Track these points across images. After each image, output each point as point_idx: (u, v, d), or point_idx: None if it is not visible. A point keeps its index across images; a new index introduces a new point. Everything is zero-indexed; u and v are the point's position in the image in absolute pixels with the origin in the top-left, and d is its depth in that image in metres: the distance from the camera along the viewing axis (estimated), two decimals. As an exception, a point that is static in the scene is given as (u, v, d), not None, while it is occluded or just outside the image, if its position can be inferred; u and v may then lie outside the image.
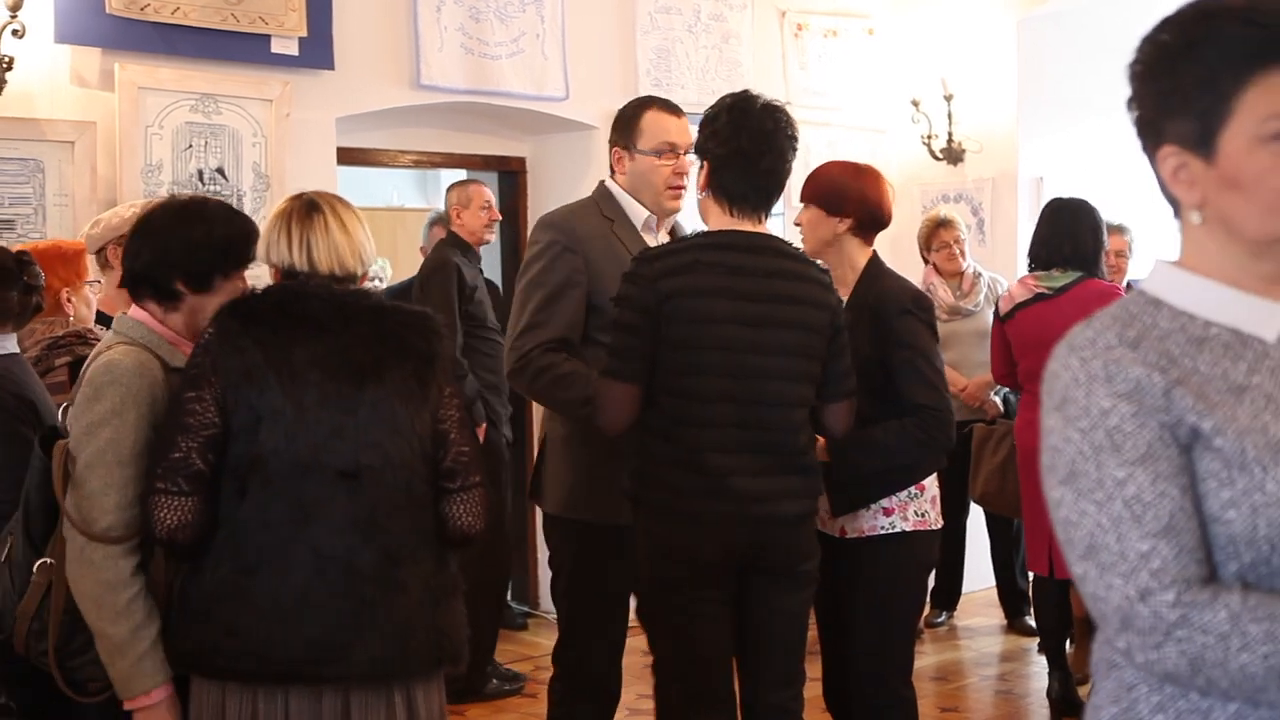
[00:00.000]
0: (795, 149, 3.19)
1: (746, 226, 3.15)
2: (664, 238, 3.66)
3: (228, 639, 2.47)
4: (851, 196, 3.49)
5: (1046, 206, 4.98)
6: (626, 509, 3.43)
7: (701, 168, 3.19)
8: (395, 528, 2.55)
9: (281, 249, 2.65)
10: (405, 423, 2.57)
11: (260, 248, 2.71)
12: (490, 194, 5.72)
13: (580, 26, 6.08)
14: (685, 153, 3.56)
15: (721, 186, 3.15)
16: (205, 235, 2.69)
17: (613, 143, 3.65)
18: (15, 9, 4.44)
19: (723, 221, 3.16)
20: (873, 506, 3.44)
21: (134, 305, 2.74)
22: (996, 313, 5.03)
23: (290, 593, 2.47)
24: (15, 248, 3.61)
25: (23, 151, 4.60)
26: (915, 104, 7.01)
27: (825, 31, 7.02)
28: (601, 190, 3.64)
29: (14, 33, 4.46)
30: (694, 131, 3.32)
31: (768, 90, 3.31)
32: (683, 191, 3.60)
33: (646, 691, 3.53)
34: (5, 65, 4.48)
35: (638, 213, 3.58)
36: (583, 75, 6.06)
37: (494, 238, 5.84)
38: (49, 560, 2.57)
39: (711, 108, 3.20)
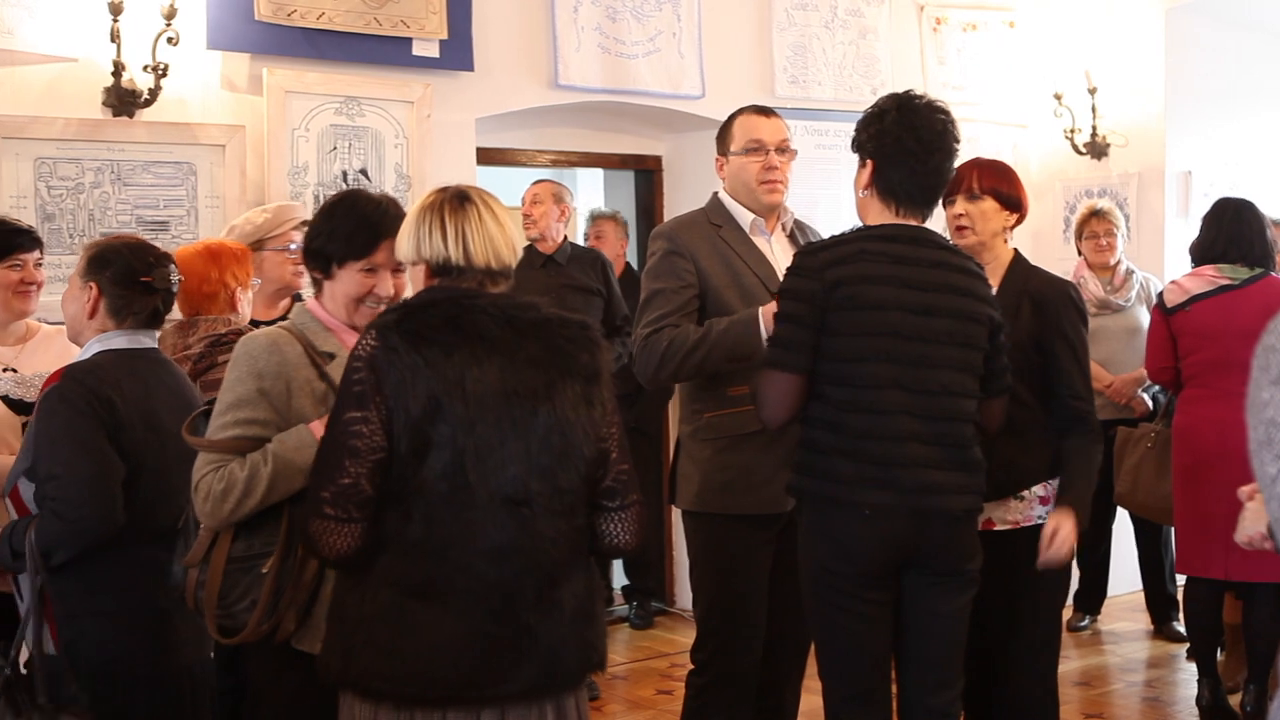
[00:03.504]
0: (959, 150, 3.20)
1: (909, 223, 3.15)
2: (779, 239, 3.73)
3: (387, 662, 2.42)
4: (1021, 194, 3.61)
5: (1213, 206, 4.93)
6: (757, 500, 3.46)
7: (863, 166, 3.19)
8: (557, 553, 2.49)
9: (435, 242, 2.54)
10: (575, 447, 2.49)
11: (407, 243, 2.59)
12: (525, 192, 5.92)
13: (716, 24, 6.08)
14: (775, 150, 3.69)
15: (887, 186, 3.14)
16: (324, 222, 2.78)
17: (716, 154, 3.81)
18: (170, 18, 4.58)
19: (885, 219, 3.16)
20: (1026, 496, 3.43)
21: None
22: (1161, 306, 4.92)
23: (453, 621, 2.41)
24: (200, 245, 3.75)
25: (176, 155, 4.75)
26: (1058, 97, 6.87)
27: (964, 25, 6.92)
28: (712, 200, 3.80)
29: (168, 40, 4.61)
30: (845, 132, 3.31)
31: (906, 86, 3.31)
32: (777, 185, 3.70)
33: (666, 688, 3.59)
34: (160, 72, 4.63)
35: (743, 216, 3.72)
36: (719, 73, 6.05)
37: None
38: None
39: (873, 107, 3.21)
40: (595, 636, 2.59)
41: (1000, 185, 3.56)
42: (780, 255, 3.71)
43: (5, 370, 3.39)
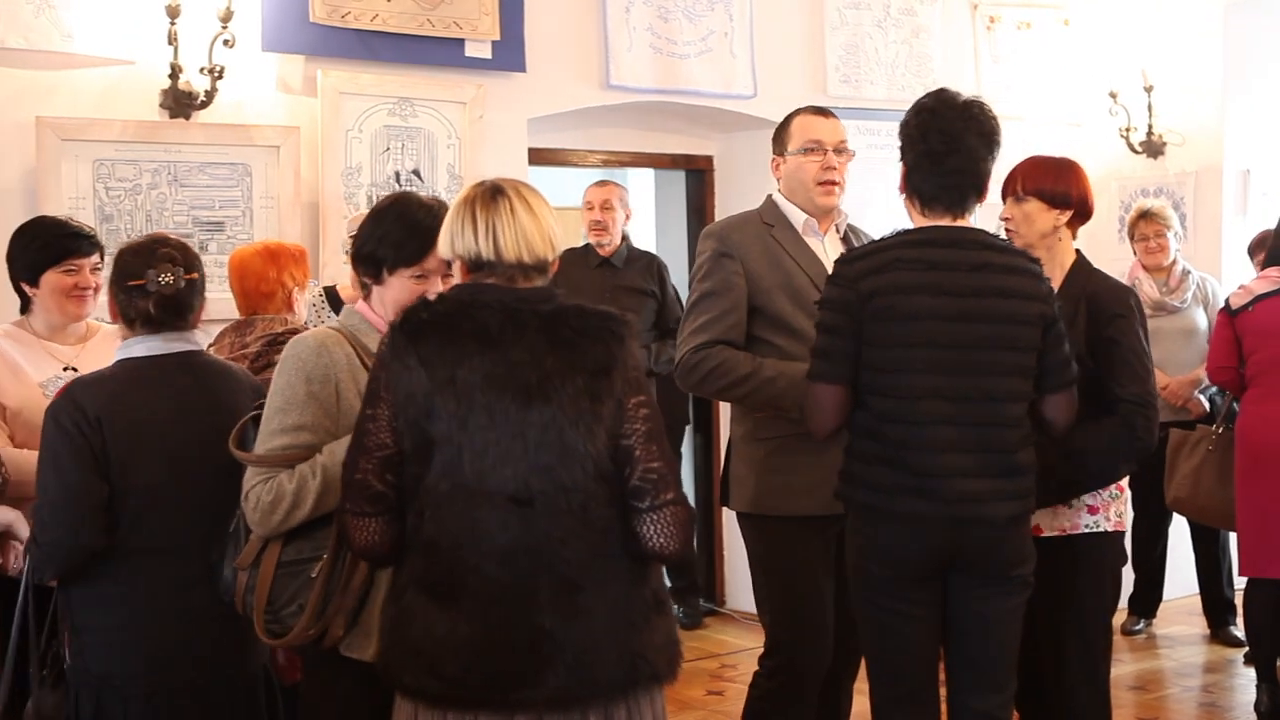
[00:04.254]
0: (992, 148, 3.14)
1: (945, 223, 3.12)
2: (831, 240, 3.71)
3: (414, 659, 2.43)
4: (1073, 190, 3.49)
5: None
6: (813, 501, 3.44)
7: (902, 168, 3.19)
8: (571, 554, 2.41)
9: (467, 238, 2.50)
10: (576, 444, 2.40)
11: (444, 239, 2.56)
12: (591, 194, 5.93)
13: (768, 24, 6.07)
14: (833, 150, 3.66)
15: (914, 187, 3.15)
16: (374, 227, 2.75)
17: (772, 153, 3.77)
18: (226, 20, 4.63)
19: (920, 221, 3.15)
20: (1075, 504, 3.39)
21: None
22: (1227, 308, 4.88)
23: (469, 622, 2.39)
24: (259, 245, 3.77)
25: (232, 156, 4.79)
26: (1113, 96, 6.81)
27: (1019, 23, 6.87)
28: (766, 201, 3.77)
29: (224, 43, 4.65)
30: (897, 132, 3.28)
31: (959, 85, 3.28)
32: (834, 187, 3.67)
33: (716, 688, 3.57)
34: (216, 74, 4.67)
35: (796, 216, 3.69)
36: (771, 73, 6.04)
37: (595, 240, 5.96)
38: None
39: (912, 106, 3.19)
40: (644, 646, 2.48)
41: (1045, 183, 3.47)
42: (833, 256, 3.67)
43: (66, 369, 3.43)
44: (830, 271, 3.57)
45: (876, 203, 6.07)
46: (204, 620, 2.81)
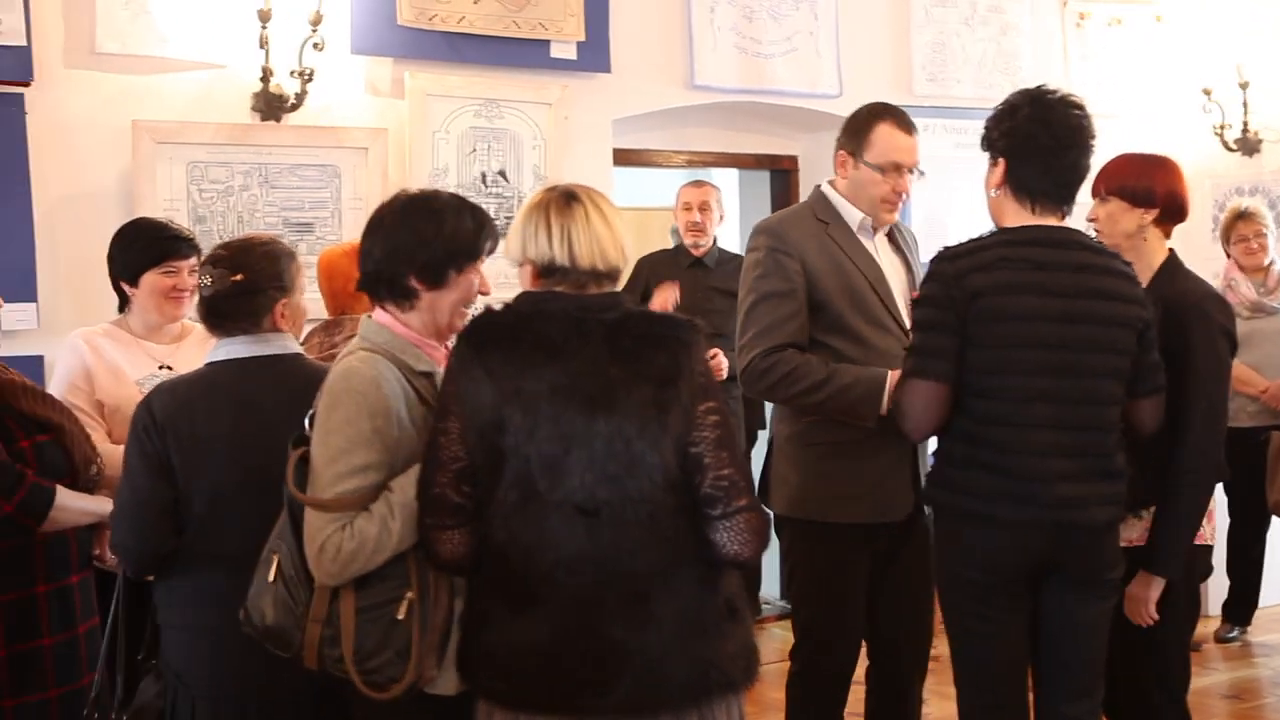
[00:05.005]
0: (1094, 144, 3.09)
1: (1048, 223, 3.06)
2: (881, 239, 3.64)
3: (488, 662, 2.46)
4: (1157, 187, 3.37)
5: None
6: (860, 508, 3.41)
7: (994, 165, 3.11)
8: (639, 564, 2.40)
9: (540, 242, 2.49)
10: (643, 455, 2.38)
11: (515, 243, 2.54)
12: (688, 194, 5.90)
13: (853, 23, 6.03)
14: (910, 171, 3.56)
15: (1021, 184, 3.06)
16: (436, 229, 2.60)
17: (840, 145, 3.62)
18: (316, 24, 4.69)
19: (1022, 219, 3.06)
20: (1144, 514, 3.29)
21: (376, 308, 2.68)
22: None
23: (539, 631, 2.40)
24: (346, 245, 3.81)
25: (321, 158, 4.86)
26: (1207, 93, 6.69)
27: (1109, 20, 6.77)
28: (817, 194, 3.65)
29: (314, 46, 4.72)
30: (974, 131, 3.24)
31: (1049, 83, 3.20)
32: (899, 206, 3.59)
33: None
34: (306, 77, 4.74)
35: (852, 215, 3.58)
36: (856, 72, 6.01)
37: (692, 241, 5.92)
38: None
39: (1004, 103, 3.12)
40: (714, 654, 2.46)
41: (1128, 182, 3.36)
42: (884, 256, 3.62)
43: (161, 368, 3.50)
44: (883, 271, 3.55)
45: (960, 202, 6.03)
46: None
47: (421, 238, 2.59)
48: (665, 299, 4.98)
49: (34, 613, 3.18)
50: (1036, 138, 3.02)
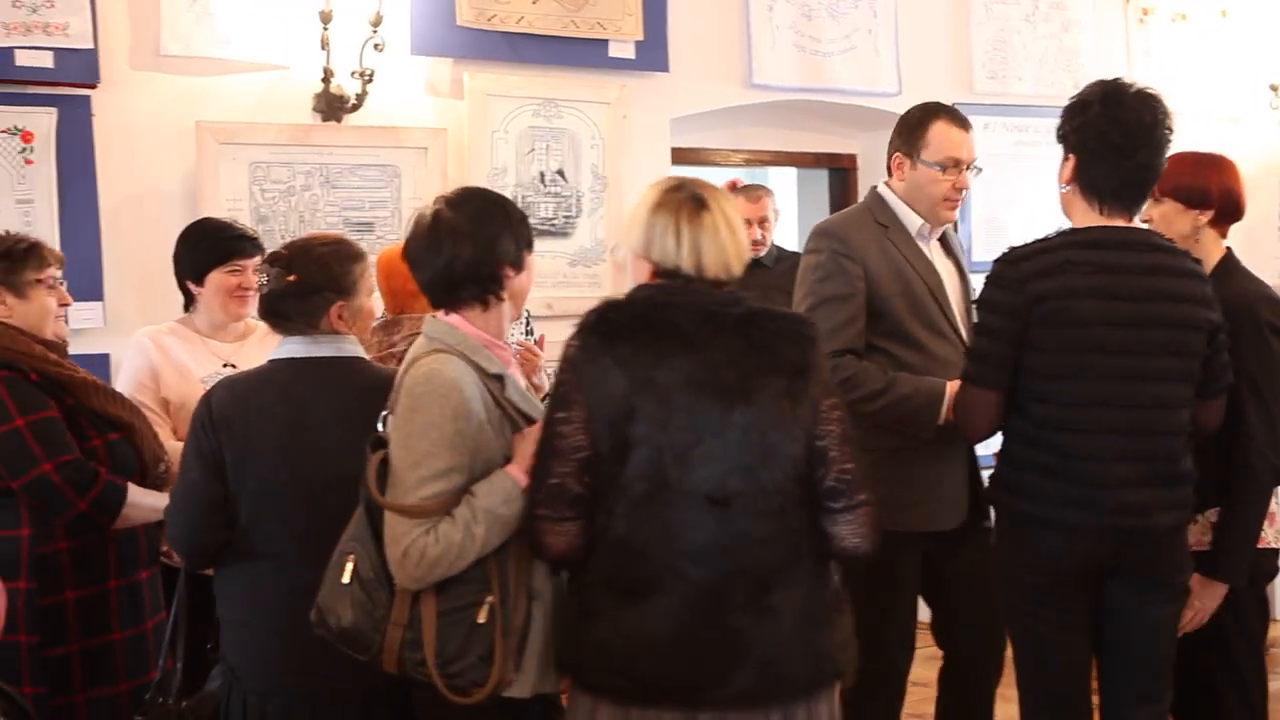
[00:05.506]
0: (1170, 142, 3.02)
1: (1117, 223, 3.01)
2: (935, 245, 3.61)
3: (599, 657, 2.44)
4: (1213, 187, 3.32)
5: None
6: (912, 516, 3.39)
7: (1065, 160, 3.06)
8: (767, 555, 2.43)
9: (668, 247, 2.49)
10: (778, 446, 2.42)
11: (638, 235, 2.54)
12: (744, 210, 5.82)
13: (913, 20, 5.99)
14: (968, 168, 3.52)
15: (1090, 183, 3.01)
16: (507, 223, 2.66)
17: (895, 147, 3.60)
18: (376, 25, 4.72)
19: (1090, 218, 3.02)
20: (1200, 520, 3.24)
21: (442, 310, 2.69)
22: None
23: (658, 622, 2.40)
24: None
25: (381, 158, 4.89)
26: (1274, 88, 6.59)
27: (1174, 15, 6.67)
28: (874, 196, 3.62)
29: (375, 47, 4.75)
30: (1046, 128, 3.20)
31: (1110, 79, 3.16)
32: (959, 204, 3.55)
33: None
34: (366, 78, 4.77)
35: (911, 220, 3.56)
36: (915, 70, 5.96)
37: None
38: None
39: (1077, 96, 3.07)
40: (829, 645, 2.50)
41: (1182, 182, 3.30)
42: (938, 261, 3.59)
43: (225, 365, 3.54)
44: (941, 277, 3.52)
45: (1022, 200, 5.98)
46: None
47: (506, 233, 2.64)
48: None
49: (106, 608, 3.24)
50: (1107, 136, 2.96)
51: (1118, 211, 3.00)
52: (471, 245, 2.62)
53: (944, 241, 3.67)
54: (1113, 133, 2.95)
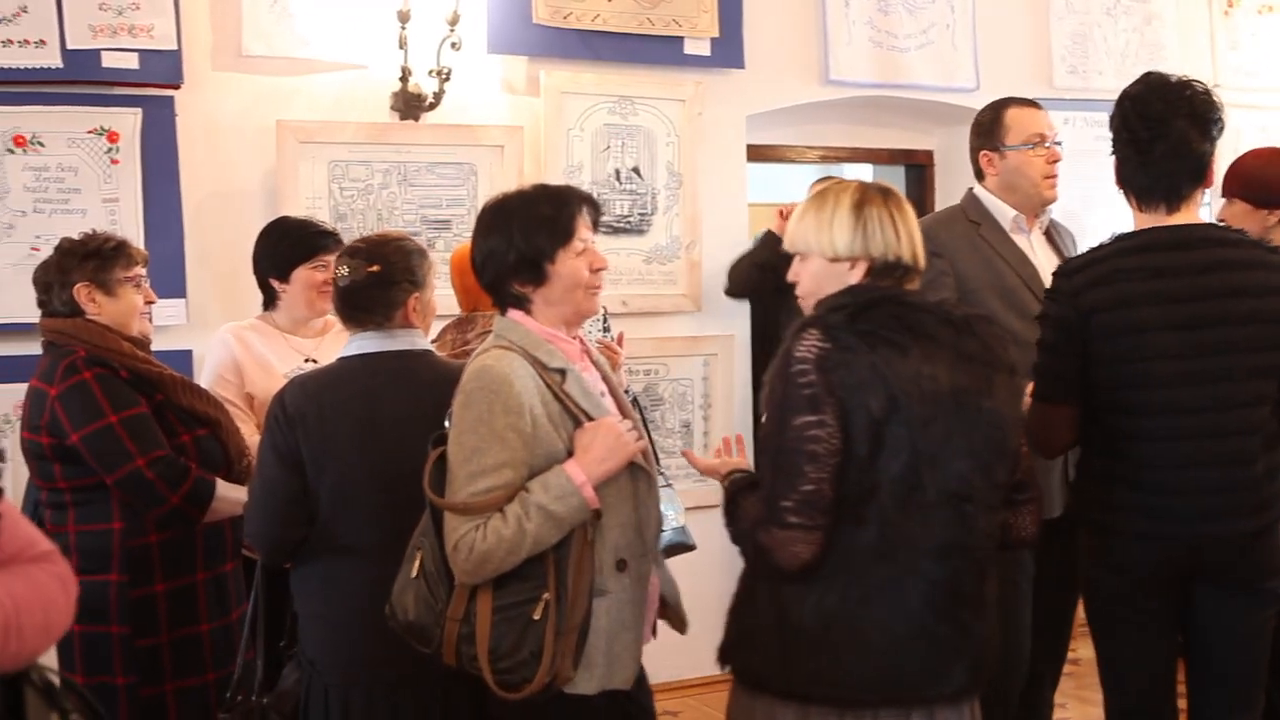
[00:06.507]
0: (1208, 130, 2.92)
1: (1171, 221, 2.94)
2: (1037, 237, 3.60)
3: (831, 668, 2.39)
4: (1277, 186, 3.24)
5: None
6: None
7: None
8: (989, 549, 2.47)
9: (889, 239, 2.48)
10: (1011, 443, 2.47)
11: (844, 239, 2.50)
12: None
13: (991, 14, 5.93)
14: (1054, 143, 3.58)
15: (1125, 181, 2.99)
16: (504, 230, 2.66)
17: (977, 148, 3.66)
18: (453, 24, 4.75)
19: (1138, 220, 2.98)
20: None
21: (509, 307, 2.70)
22: None
23: (902, 624, 2.38)
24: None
25: (458, 156, 4.92)
26: (1365, 81, 6.46)
27: (1260, 7, 6.56)
28: (968, 196, 3.68)
29: (452, 46, 4.78)
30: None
31: (1195, 73, 3.09)
32: (1057, 180, 3.59)
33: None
34: (444, 76, 4.81)
35: (1004, 213, 3.60)
36: (994, 65, 5.91)
37: None
38: None
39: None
40: (994, 635, 2.54)
41: (1249, 183, 3.25)
42: (1040, 254, 3.59)
43: (307, 361, 3.59)
44: (1038, 269, 3.49)
45: (1101, 198, 5.87)
46: None
47: (503, 241, 2.66)
48: None
49: (194, 600, 3.30)
50: (1131, 130, 2.93)
51: (1153, 208, 2.94)
52: (492, 256, 2.67)
53: (1050, 237, 3.68)
54: (1138, 128, 2.92)
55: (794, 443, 2.36)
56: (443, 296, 3.46)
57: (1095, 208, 5.80)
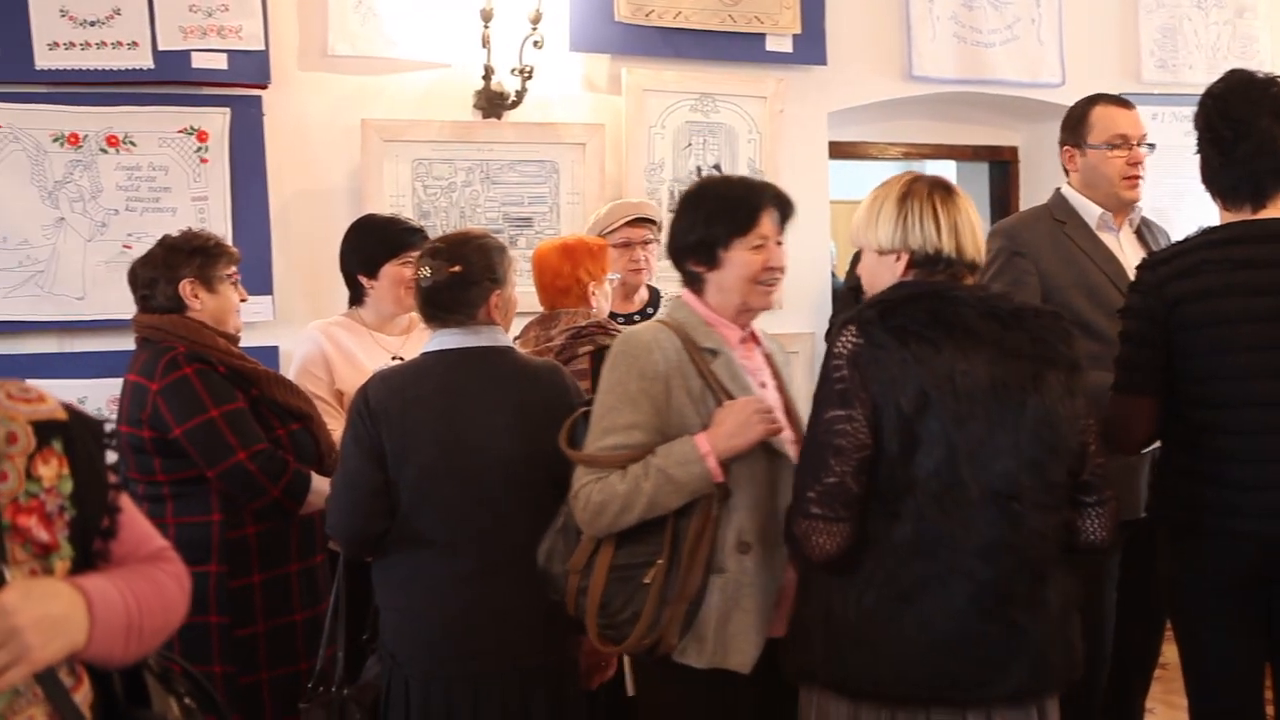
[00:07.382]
0: None
1: (1260, 217, 2.91)
2: (1126, 235, 3.56)
3: (875, 664, 2.40)
4: None
5: None
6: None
7: None
8: (1047, 549, 2.43)
9: (928, 232, 2.50)
10: (1064, 441, 2.42)
11: (886, 233, 2.55)
12: None
13: (1078, 9, 5.85)
14: (1139, 144, 3.55)
15: (1209, 181, 2.98)
16: (693, 212, 2.77)
17: (1063, 143, 3.65)
18: (535, 22, 4.78)
19: (1223, 218, 2.97)
20: None
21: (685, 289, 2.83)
22: None
23: (945, 622, 2.38)
24: (558, 241, 3.87)
25: (540, 154, 4.95)
26: None
27: (1356, -1, 6.41)
28: (1055, 195, 3.67)
29: (534, 44, 4.80)
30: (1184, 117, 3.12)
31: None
32: (1139, 181, 3.56)
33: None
34: (526, 75, 4.83)
35: (1090, 211, 3.59)
36: (1080, 60, 5.82)
37: None
38: None
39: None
40: (1075, 637, 2.51)
41: None
42: (1129, 252, 3.56)
43: (394, 358, 3.63)
44: (1125, 267, 3.44)
45: (1191, 194, 5.77)
46: (482, 615, 2.83)
47: (689, 219, 2.78)
48: None
49: (288, 590, 3.36)
50: (1214, 130, 2.92)
51: (1238, 206, 2.92)
52: (675, 234, 2.80)
53: (1141, 236, 3.65)
54: (1219, 126, 2.91)
55: (823, 436, 2.40)
56: (525, 294, 3.48)
57: (1185, 204, 5.70)
